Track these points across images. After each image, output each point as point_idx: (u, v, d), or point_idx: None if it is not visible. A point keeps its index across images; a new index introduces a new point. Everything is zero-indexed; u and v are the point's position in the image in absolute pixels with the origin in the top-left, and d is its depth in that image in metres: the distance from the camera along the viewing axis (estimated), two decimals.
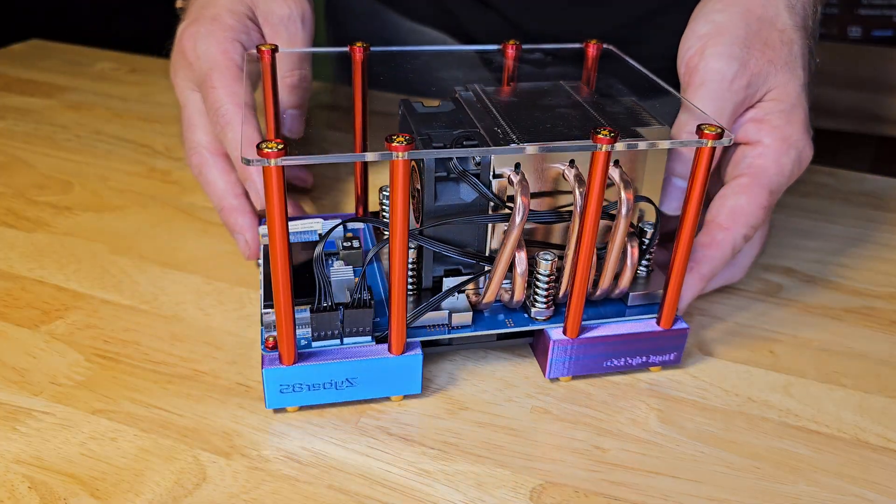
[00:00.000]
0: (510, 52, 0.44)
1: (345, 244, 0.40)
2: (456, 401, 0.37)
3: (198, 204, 0.53)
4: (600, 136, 0.31)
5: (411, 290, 0.37)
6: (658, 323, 0.38)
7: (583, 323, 0.38)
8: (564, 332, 0.37)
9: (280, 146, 0.29)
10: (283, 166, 0.29)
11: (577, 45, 0.45)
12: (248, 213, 0.45)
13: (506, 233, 0.34)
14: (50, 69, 0.77)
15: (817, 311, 0.45)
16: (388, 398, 0.37)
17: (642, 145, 0.34)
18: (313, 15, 0.49)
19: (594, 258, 0.36)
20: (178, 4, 0.54)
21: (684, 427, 0.36)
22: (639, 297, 0.39)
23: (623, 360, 0.38)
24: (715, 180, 0.45)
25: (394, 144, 0.29)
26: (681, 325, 0.39)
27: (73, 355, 0.39)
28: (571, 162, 0.36)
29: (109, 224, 0.50)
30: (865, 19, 1.49)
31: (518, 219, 0.34)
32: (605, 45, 0.44)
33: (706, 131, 0.33)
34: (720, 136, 0.33)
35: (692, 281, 0.41)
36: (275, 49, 0.42)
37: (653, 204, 0.39)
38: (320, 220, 0.43)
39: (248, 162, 0.29)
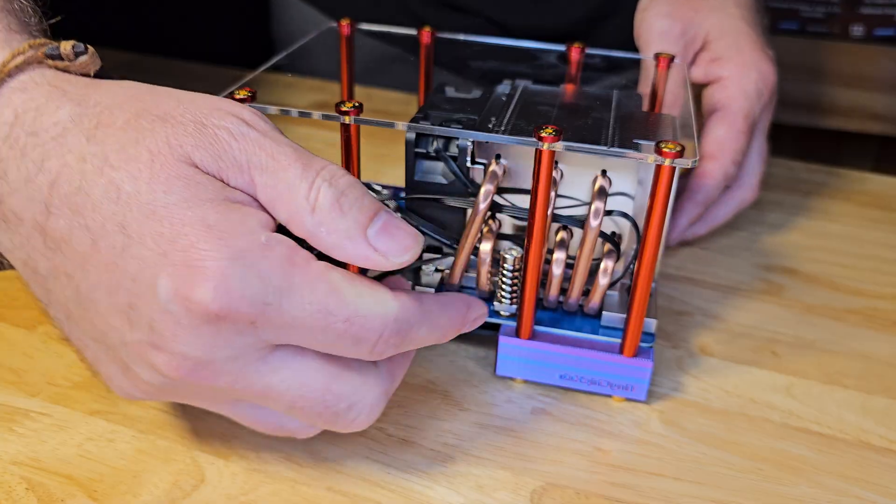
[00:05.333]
0: (574, 55, 0.45)
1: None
2: (456, 401, 0.37)
3: None
4: (543, 133, 0.31)
5: None
6: (620, 350, 0.36)
7: (545, 330, 0.37)
8: (516, 332, 0.37)
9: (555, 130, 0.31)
10: None
11: (639, 56, 0.47)
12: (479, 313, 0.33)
13: (469, 219, 0.35)
14: None
15: (819, 311, 0.45)
16: None
17: (585, 150, 0.32)
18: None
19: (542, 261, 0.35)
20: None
21: (686, 428, 0.36)
22: (615, 319, 0.37)
23: (580, 379, 0.36)
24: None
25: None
26: (644, 360, 0.36)
27: (70, 356, 0.38)
28: (604, 172, 0.35)
29: None
30: (867, 18, 1.48)
31: (481, 205, 0.34)
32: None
33: (665, 149, 0.31)
34: (680, 154, 0.31)
35: (689, 206, 0.46)
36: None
37: (632, 222, 0.37)
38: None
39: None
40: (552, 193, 0.34)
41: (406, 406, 0.36)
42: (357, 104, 0.33)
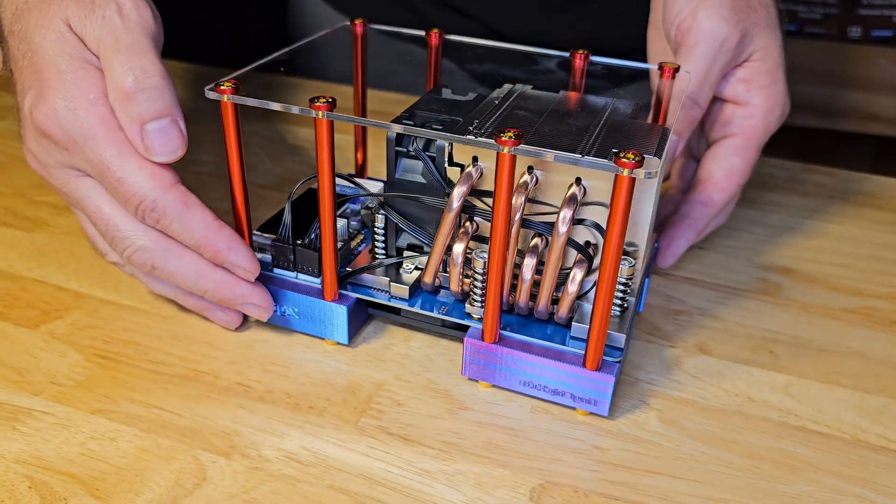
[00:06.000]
0: (577, 62, 0.44)
1: (364, 210, 0.42)
2: (456, 401, 0.37)
3: None
4: (503, 138, 0.31)
5: (382, 255, 0.40)
6: (583, 363, 0.35)
7: (512, 335, 0.37)
8: (481, 335, 0.37)
9: None
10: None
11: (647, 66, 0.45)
12: (241, 276, 0.38)
13: (441, 218, 0.36)
14: None
15: (817, 311, 0.45)
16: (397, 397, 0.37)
17: (548, 156, 0.32)
18: (140, 8, 0.37)
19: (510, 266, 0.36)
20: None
21: (684, 427, 0.36)
22: (584, 330, 0.36)
23: (542, 387, 0.36)
24: (699, 135, 0.49)
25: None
26: (606, 375, 0.35)
27: (73, 355, 0.39)
28: (578, 180, 0.35)
29: None
30: (865, 19, 1.49)
31: (453, 205, 0.35)
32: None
33: (623, 159, 0.30)
34: (640, 164, 0.30)
35: (689, 234, 0.46)
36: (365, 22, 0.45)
37: (602, 233, 0.35)
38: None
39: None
40: (522, 198, 0.34)
41: (406, 405, 0.37)
42: (330, 99, 0.34)
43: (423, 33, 0.46)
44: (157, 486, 0.32)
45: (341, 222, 0.40)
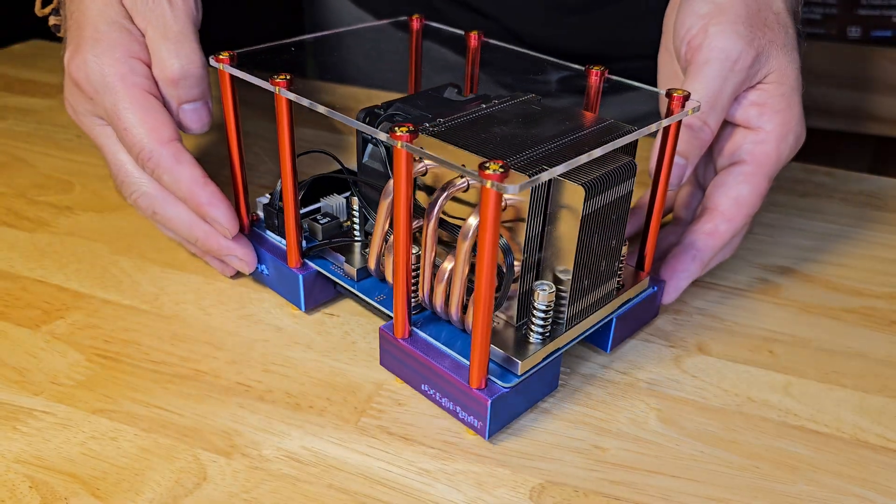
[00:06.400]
0: (593, 78, 0.41)
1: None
2: None
3: None
4: (397, 132, 0.30)
5: (358, 235, 0.42)
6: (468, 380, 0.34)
7: (423, 335, 0.36)
8: (393, 329, 0.37)
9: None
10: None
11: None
12: (220, 231, 0.42)
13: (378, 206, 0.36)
14: (50, 69, 0.77)
15: (816, 310, 0.45)
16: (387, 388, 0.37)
17: (436, 154, 0.31)
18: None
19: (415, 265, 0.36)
20: (51, 22, 0.49)
21: (684, 427, 0.36)
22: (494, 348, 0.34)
23: (437, 394, 0.35)
24: (706, 161, 0.46)
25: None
26: (483, 394, 0.33)
27: (73, 355, 0.39)
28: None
29: (110, 224, 0.50)
30: (864, 19, 1.49)
31: (388, 193, 0.35)
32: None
33: (488, 170, 0.28)
34: (506, 173, 0.28)
35: (694, 267, 0.42)
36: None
37: (504, 248, 0.34)
38: None
39: None
40: (441, 198, 0.33)
41: (406, 404, 0.37)
42: (287, 77, 0.36)
43: (461, 33, 0.47)
44: (158, 485, 0.32)
45: (338, 200, 0.44)
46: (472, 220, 0.32)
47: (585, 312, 0.37)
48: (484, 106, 0.39)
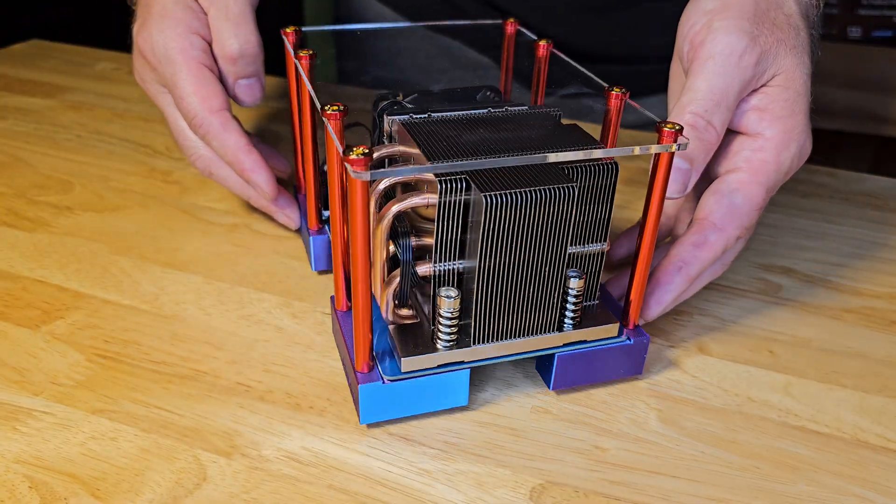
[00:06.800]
0: (613, 101, 0.38)
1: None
2: None
3: (198, 204, 0.53)
4: (328, 111, 0.32)
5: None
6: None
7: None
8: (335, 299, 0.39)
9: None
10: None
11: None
12: (261, 194, 0.46)
13: None
14: (50, 69, 0.77)
15: (817, 311, 0.45)
16: None
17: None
18: None
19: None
20: None
21: (684, 427, 0.36)
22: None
23: (347, 375, 0.37)
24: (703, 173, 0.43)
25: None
26: (361, 378, 0.34)
27: (73, 355, 0.39)
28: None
29: (110, 224, 0.50)
30: (865, 20, 1.49)
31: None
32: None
33: (351, 155, 0.29)
34: (363, 160, 0.29)
35: (679, 280, 0.38)
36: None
37: (408, 247, 0.34)
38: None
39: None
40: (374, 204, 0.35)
41: None
42: (311, 53, 0.39)
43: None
44: (158, 485, 0.32)
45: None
46: (394, 207, 0.34)
47: (506, 335, 0.35)
48: (487, 110, 0.38)
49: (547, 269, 0.34)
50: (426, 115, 0.37)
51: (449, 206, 0.33)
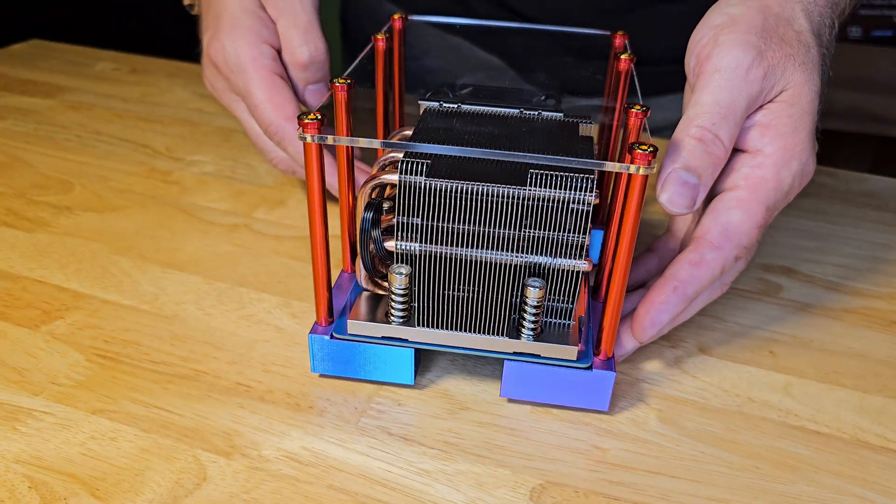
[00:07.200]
0: (632, 120, 0.37)
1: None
2: (456, 401, 0.37)
3: (198, 204, 0.53)
4: (305, 120, 0.32)
5: None
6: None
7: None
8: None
9: None
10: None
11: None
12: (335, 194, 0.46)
13: None
14: (50, 69, 0.77)
15: (817, 311, 0.45)
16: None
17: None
18: None
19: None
20: (186, 1, 0.55)
21: (684, 427, 0.36)
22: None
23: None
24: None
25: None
26: (316, 328, 0.36)
27: (73, 355, 0.39)
28: None
29: (110, 224, 0.50)
30: (865, 19, 1.49)
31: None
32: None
33: (305, 119, 0.32)
34: (315, 124, 0.32)
35: (675, 300, 0.37)
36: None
37: (368, 220, 0.36)
38: None
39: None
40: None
41: (406, 405, 0.37)
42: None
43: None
44: (158, 485, 0.32)
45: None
46: (367, 215, 0.35)
47: (455, 326, 0.36)
48: (518, 110, 0.40)
49: (498, 271, 0.35)
50: (456, 106, 0.40)
51: (407, 187, 0.34)
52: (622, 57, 0.42)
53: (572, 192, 0.33)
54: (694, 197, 0.36)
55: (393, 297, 0.35)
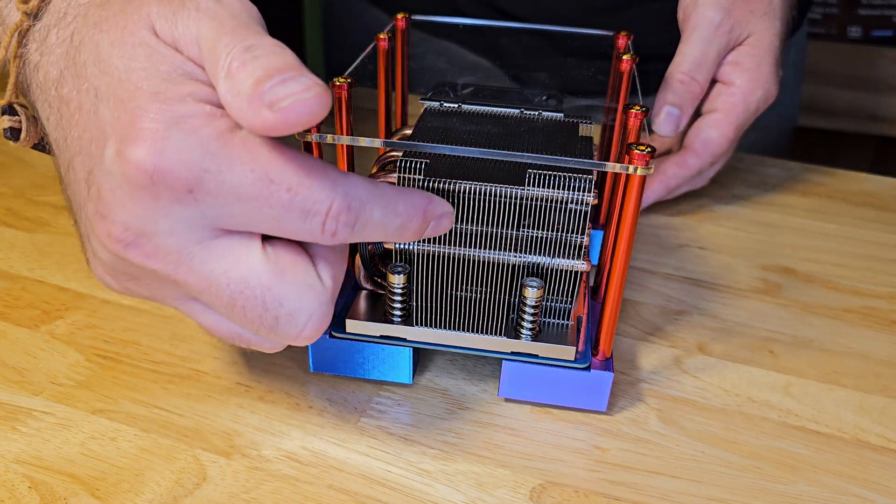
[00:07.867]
0: (633, 121, 0.37)
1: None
2: (456, 401, 0.37)
3: None
4: (337, 81, 0.34)
5: None
6: None
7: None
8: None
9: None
10: None
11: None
12: None
13: None
14: None
15: (817, 311, 0.45)
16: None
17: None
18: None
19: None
20: (6, 125, 0.34)
21: (684, 427, 0.36)
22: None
23: None
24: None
25: None
26: None
27: (73, 355, 0.39)
28: None
29: None
30: (865, 19, 1.49)
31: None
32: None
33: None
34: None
35: (657, 187, 0.51)
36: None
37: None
38: None
39: None
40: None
41: (406, 404, 0.37)
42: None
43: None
44: (158, 485, 0.32)
45: None
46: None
47: (453, 326, 0.35)
48: (518, 110, 0.40)
49: (497, 271, 0.35)
50: (457, 106, 0.40)
51: (405, 185, 0.34)
52: (624, 57, 0.43)
53: (570, 192, 0.33)
54: (677, 124, 0.48)
55: (391, 296, 0.35)
